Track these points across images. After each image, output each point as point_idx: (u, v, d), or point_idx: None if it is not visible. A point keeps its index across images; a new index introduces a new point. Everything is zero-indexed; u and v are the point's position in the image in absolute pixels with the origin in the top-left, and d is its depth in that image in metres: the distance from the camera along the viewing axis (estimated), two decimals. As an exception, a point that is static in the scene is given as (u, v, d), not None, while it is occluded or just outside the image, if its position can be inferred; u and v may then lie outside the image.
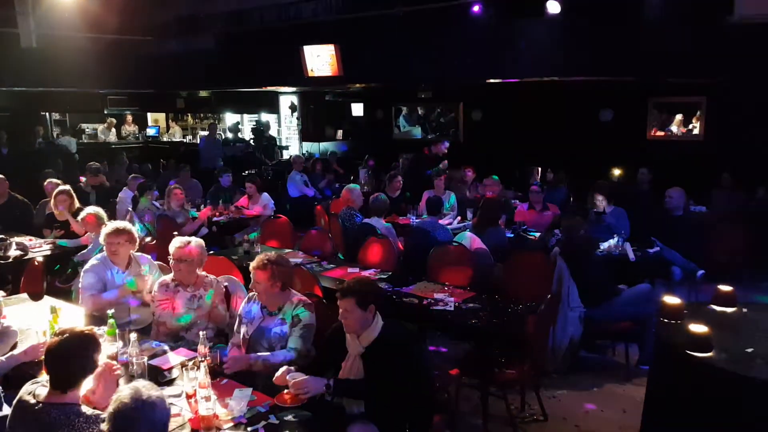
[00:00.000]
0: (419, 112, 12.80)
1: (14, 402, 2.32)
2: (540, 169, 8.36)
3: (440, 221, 6.06)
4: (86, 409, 2.23)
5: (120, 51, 12.95)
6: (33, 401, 2.22)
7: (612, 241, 5.49)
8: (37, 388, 2.29)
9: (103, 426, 1.99)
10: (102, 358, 2.69)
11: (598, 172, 7.98)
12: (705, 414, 2.76)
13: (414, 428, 2.92)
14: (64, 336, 2.30)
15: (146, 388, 2.03)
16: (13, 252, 5.46)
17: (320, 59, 10.19)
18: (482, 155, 9.68)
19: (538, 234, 6.11)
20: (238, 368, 3.02)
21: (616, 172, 8.12)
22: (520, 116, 10.34)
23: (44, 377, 2.38)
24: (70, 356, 2.26)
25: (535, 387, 4.08)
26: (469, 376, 3.94)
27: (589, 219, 5.84)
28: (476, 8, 8.36)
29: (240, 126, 15.30)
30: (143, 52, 13.35)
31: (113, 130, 15.28)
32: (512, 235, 6.00)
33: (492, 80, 9.09)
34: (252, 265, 3.34)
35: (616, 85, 8.94)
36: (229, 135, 14.28)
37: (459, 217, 6.94)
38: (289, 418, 2.58)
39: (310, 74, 10.42)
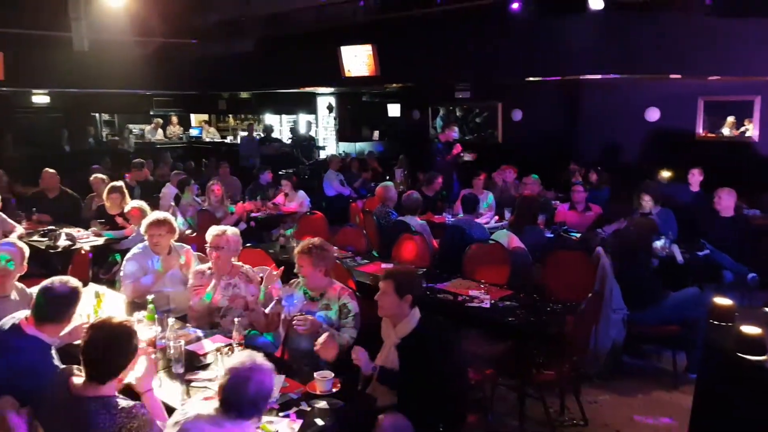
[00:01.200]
0: (457, 113, 12.68)
1: (50, 390, 2.34)
2: (583, 169, 8.14)
3: (477, 220, 5.98)
4: (123, 402, 2.23)
5: (166, 54, 13.33)
6: (72, 392, 2.24)
7: (659, 243, 5.27)
8: (74, 378, 2.29)
9: (220, 379, 2.16)
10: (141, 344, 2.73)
11: (644, 173, 7.72)
12: (758, 421, 2.60)
13: (447, 426, 2.87)
14: (100, 329, 2.29)
15: (260, 357, 2.22)
16: (63, 242, 5.69)
17: (357, 59, 10.22)
18: (522, 156, 9.51)
19: (579, 235, 5.95)
20: (309, 327, 3.15)
21: (664, 173, 7.83)
22: (562, 115, 10.12)
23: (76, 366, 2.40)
24: (106, 349, 2.25)
25: (575, 390, 3.94)
26: (505, 376, 3.84)
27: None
28: (515, 5, 8.22)
29: (280, 126, 15.57)
30: (188, 55, 13.70)
31: (159, 130, 15.72)
32: (552, 236, 5.85)
33: (532, 78, 8.91)
34: (297, 249, 3.44)
35: (663, 83, 8.65)
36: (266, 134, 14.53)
37: (497, 217, 6.82)
38: (321, 405, 2.57)
39: (347, 74, 10.46)
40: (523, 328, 3.68)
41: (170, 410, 2.46)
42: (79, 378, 2.28)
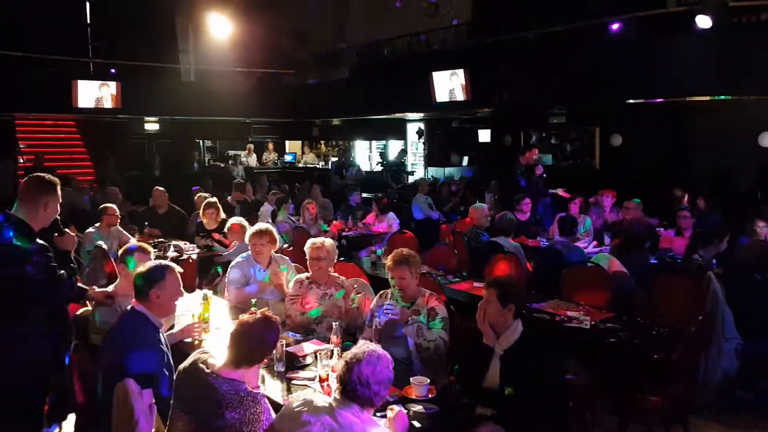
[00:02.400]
0: (551, 140, 12.42)
1: (184, 366, 2.51)
2: (688, 195, 7.69)
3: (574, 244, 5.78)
4: (251, 389, 2.38)
5: (265, 83, 14.10)
6: (207, 370, 2.40)
7: (777, 272, 4.86)
8: (208, 359, 2.47)
9: (338, 369, 2.24)
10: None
11: (757, 200, 7.19)
12: None
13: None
14: (258, 318, 2.46)
15: (378, 347, 2.30)
16: (171, 253, 6.15)
17: (449, 84, 10.33)
18: (621, 182, 9.12)
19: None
20: (399, 314, 3.33)
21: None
22: (665, 139, 9.65)
23: (210, 349, 2.60)
24: (256, 338, 2.41)
25: (683, 420, 3.67)
26: (606, 400, 3.65)
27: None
28: (615, 26, 8.01)
29: (369, 153, 16.01)
30: (285, 84, 14.42)
31: (254, 155, 16.53)
32: (657, 262, 5.55)
33: (632, 101, 8.60)
34: (390, 261, 3.50)
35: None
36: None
37: (595, 242, 6.56)
38: (417, 408, 2.58)
39: (438, 100, 10.58)
40: (625, 350, 3.50)
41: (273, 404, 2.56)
42: (214, 360, 2.45)
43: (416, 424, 2.43)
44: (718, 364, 4.02)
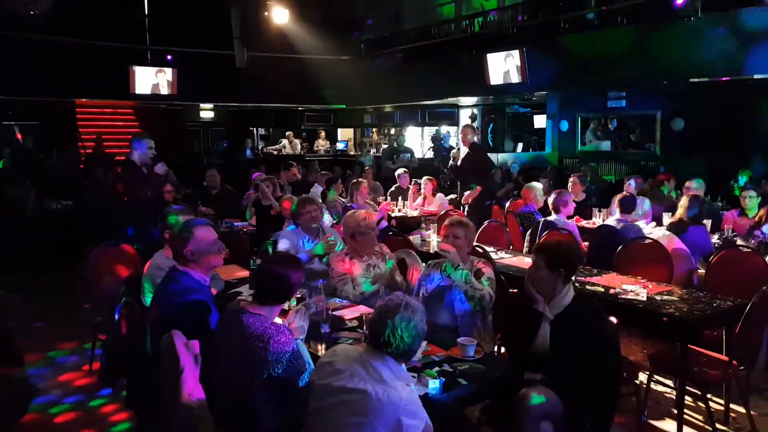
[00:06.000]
0: (609, 126, 11.98)
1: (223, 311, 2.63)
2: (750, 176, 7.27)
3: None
4: (276, 321, 2.47)
5: (317, 70, 14.16)
6: (236, 308, 2.50)
7: None
8: (241, 302, 2.57)
9: (371, 318, 2.18)
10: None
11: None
12: None
13: (595, 418, 2.66)
14: (280, 255, 2.64)
15: (412, 298, 2.20)
16: (223, 229, 6.33)
17: (504, 66, 10.11)
18: (683, 167, 8.70)
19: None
20: (452, 260, 3.30)
21: None
22: (730, 121, 9.14)
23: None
24: (278, 275, 2.48)
25: (744, 398, 3.46)
26: (662, 374, 3.49)
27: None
28: (679, 1, 7.61)
29: (422, 140, 15.91)
30: (338, 71, 14.47)
31: (295, 141, 16.49)
32: (719, 242, 5.27)
33: (696, 80, 8.17)
34: (449, 222, 3.55)
35: None
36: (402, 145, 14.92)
37: (654, 223, 6.29)
38: (464, 367, 2.53)
39: (493, 83, 10.37)
40: (683, 322, 3.30)
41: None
42: (245, 302, 2.55)
43: (462, 381, 2.39)
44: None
